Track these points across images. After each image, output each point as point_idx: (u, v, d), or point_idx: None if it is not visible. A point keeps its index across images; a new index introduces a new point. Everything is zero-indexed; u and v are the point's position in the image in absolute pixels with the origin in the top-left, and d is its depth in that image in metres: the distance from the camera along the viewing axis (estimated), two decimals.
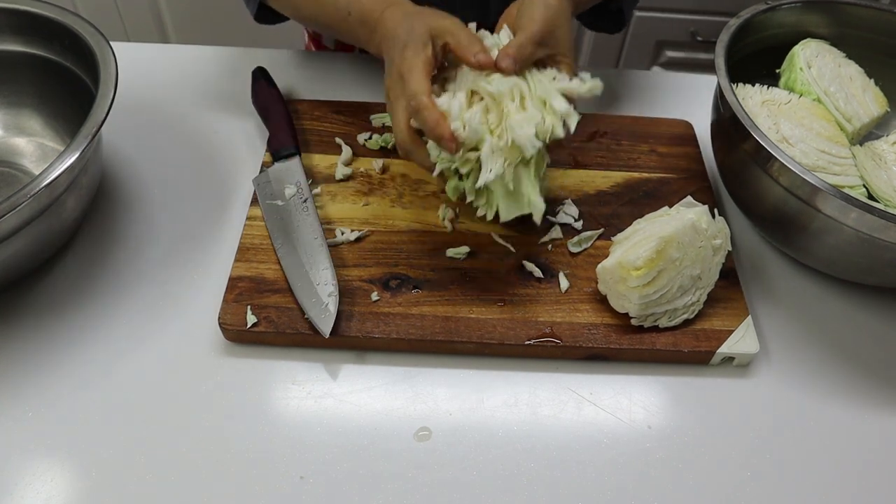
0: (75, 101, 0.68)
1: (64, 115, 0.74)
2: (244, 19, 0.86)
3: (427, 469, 0.56)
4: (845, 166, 0.67)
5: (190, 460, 0.56)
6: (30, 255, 0.62)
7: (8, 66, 0.73)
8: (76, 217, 0.66)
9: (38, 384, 0.59)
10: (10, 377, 0.60)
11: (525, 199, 0.60)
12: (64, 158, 0.57)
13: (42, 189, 0.55)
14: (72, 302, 0.65)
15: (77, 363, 0.61)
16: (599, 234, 0.70)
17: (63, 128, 0.75)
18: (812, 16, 0.77)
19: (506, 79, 0.59)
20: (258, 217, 0.69)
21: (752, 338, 0.63)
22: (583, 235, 0.70)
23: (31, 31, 0.71)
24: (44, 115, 0.76)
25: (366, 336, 0.61)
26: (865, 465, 0.59)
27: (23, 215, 0.56)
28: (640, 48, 1.67)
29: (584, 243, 0.69)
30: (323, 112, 0.81)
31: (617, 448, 0.58)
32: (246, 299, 0.63)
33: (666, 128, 0.82)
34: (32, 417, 0.58)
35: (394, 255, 0.67)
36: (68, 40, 0.69)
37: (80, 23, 0.68)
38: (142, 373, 0.61)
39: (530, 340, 0.62)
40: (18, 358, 0.61)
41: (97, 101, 0.62)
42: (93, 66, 0.65)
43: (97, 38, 0.67)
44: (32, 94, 0.75)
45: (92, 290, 0.66)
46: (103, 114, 0.61)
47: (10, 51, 0.73)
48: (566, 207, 0.72)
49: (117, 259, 0.68)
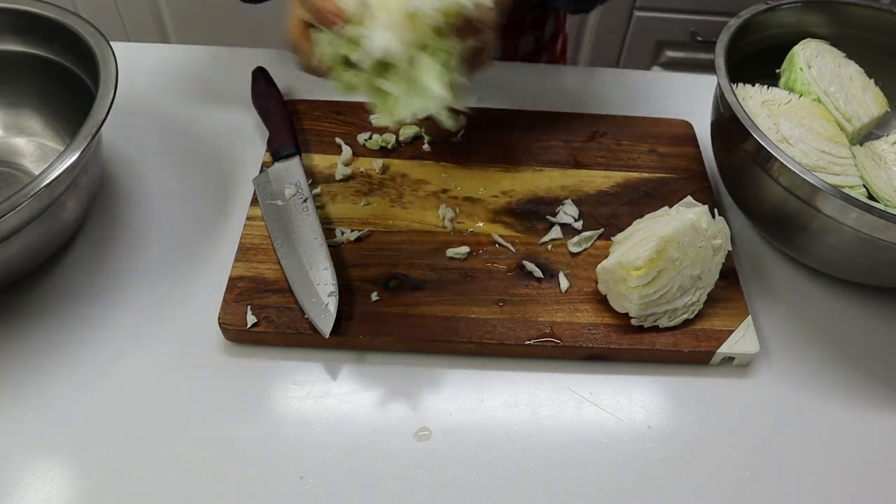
0: (75, 101, 0.68)
1: (64, 115, 0.74)
2: (244, 19, 0.86)
3: (427, 469, 0.56)
4: (845, 166, 0.67)
5: (190, 460, 0.56)
6: (30, 255, 0.62)
7: (8, 66, 0.73)
8: (76, 217, 0.66)
9: (39, 384, 0.59)
10: (10, 377, 0.60)
11: (427, 91, 0.52)
12: (64, 158, 0.57)
13: (42, 189, 0.55)
14: (71, 302, 0.65)
15: (77, 363, 0.61)
16: (599, 234, 0.70)
17: (63, 128, 0.75)
18: (812, 16, 0.77)
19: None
20: (258, 217, 0.69)
21: (752, 338, 0.63)
22: (583, 235, 0.70)
23: (31, 31, 0.71)
24: (44, 114, 0.76)
25: (366, 336, 0.61)
26: (865, 465, 0.59)
27: (23, 215, 0.56)
28: (640, 48, 1.67)
29: (584, 243, 0.69)
30: (323, 112, 0.81)
31: (617, 448, 0.58)
32: (246, 299, 0.63)
33: (666, 128, 0.82)
34: (32, 417, 0.58)
35: (394, 255, 0.67)
36: (68, 40, 0.69)
37: (80, 23, 0.68)
38: (142, 373, 0.61)
39: (530, 340, 0.62)
40: (18, 358, 0.61)
41: (97, 101, 0.62)
42: (93, 66, 0.65)
43: (97, 38, 0.67)
44: (32, 93, 0.75)
45: (92, 290, 0.66)
46: (103, 114, 0.60)
47: (9, 51, 0.73)
48: (566, 207, 0.72)
49: (117, 259, 0.68)
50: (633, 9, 1.58)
